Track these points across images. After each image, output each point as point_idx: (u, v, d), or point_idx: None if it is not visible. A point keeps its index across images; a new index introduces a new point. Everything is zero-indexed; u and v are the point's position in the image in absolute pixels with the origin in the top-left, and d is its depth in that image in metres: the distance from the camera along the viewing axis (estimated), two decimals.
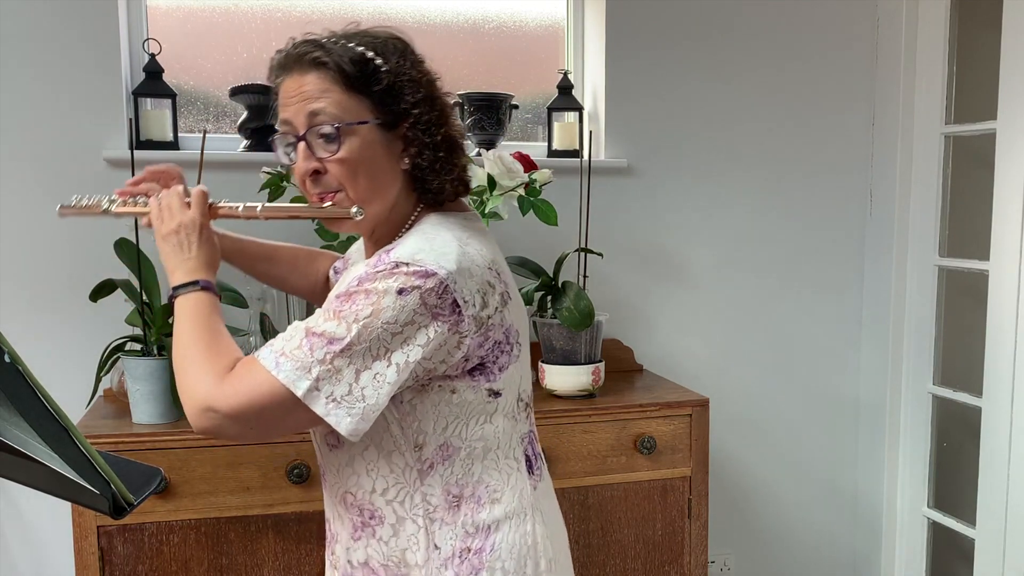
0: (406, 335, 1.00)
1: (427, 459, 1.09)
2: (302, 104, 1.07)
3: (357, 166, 1.07)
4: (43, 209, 1.99)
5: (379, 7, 2.24)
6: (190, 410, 1.02)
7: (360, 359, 0.99)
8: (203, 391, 1.01)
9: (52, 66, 1.97)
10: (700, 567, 2.00)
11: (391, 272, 1.00)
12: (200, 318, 1.09)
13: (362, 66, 1.06)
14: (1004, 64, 2.13)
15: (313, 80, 1.07)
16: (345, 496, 1.14)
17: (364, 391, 1.00)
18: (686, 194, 2.40)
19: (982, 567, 2.26)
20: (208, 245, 1.15)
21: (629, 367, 2.33)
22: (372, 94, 1.07)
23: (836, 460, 2.60)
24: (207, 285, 1.12)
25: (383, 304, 0.99)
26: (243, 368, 1.02)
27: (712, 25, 2.37)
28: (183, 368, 1.05)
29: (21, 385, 0.73)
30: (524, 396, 1.19)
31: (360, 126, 1.06)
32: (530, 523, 1.14)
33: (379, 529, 1.12)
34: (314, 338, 0.99)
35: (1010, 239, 2.13)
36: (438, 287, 1.00)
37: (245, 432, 1.02)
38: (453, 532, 1.10)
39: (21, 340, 1.94)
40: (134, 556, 1.69)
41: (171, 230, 1.14)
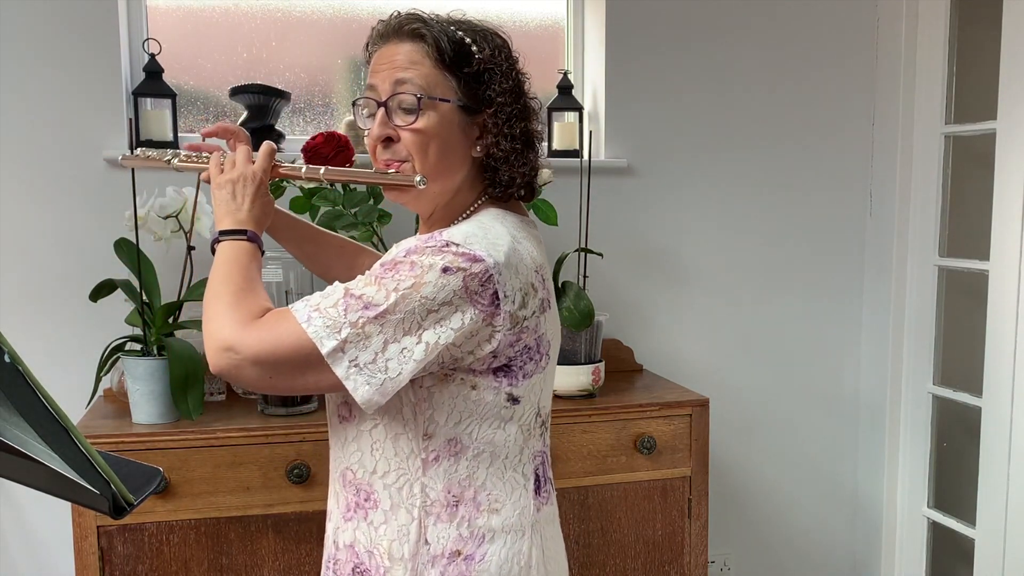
0: (441, 315, 0.99)
1: (434, 451, 1.07)
2: (391, 71, 1.08)
3: (430, 140, 1.08)
4: (43, 209, 2.00)
5: (378, 7, 2.24)
6: (211, 348, 1.02)
7: (391, 329, 0.98)
8: (228, 331, 1.01)
9: (52, 66, 1.97)
10: (700, 567, 2.00)
11: (440, 249, 1.00)
12: (239, 264, 1.08)
13: (457, 47, 1.08)
14: (1004, 64, 2.13)
15: (407, 50, 1.08)
16: (345, 472, 1.13)
17: (388, 363, 0.99)
18: (686, 194, 2.40)
19: (982, 567, 2.26)
20: (262, 202, 1.15)
21: (629, 367, 2.33)
22: (461, 76, 1.08)
23: (836, 460, 2.61)
24: (253, 237, 1.12)
25: (426, 279, 0.98)
26: (274, 316, 1.02)
27: (712, 25, 2.37)
28: (211, 307, 1.05)
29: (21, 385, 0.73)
30: (543, 412, 1.17)
31: (442, 103, 1.08)
32: (527, 543, 1.11)
33: (372, 513, 1.10)
34: (351, 299, 0.99)
35: (1010, 239, 2.13)
36: (483, 274, 1.00)
37: (262, 379, 1.00)
38: (447, 531, 1.08)
39: (21, 340, 1.94)
40: (134, 556, 1.69)
41: (229, 179, 1.14)
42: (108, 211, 1.98)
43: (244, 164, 1.15)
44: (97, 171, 2.01)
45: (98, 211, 2.00)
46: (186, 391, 1.69)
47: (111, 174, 2.01)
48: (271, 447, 1.72)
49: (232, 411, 1.86)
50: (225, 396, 1.98)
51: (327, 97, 2.25)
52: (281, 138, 2.15)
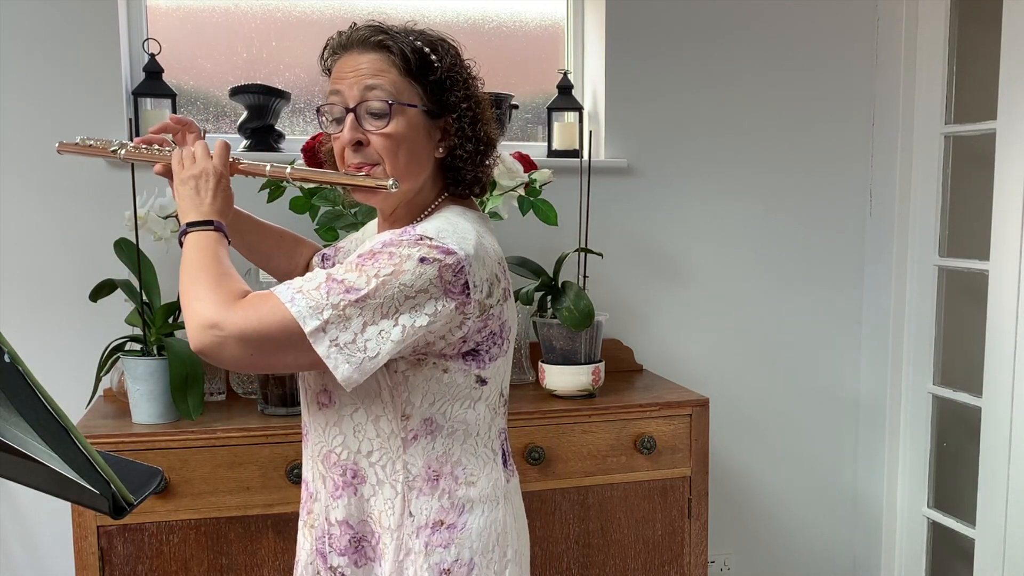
0: (417, 301, 1.06)
1: (412, 430, 1.15)
2: (358, 79, 1.14)
3: (400, 143, 1.14)
4: (43, 209, 2.00)
5: (378, 7, 2.24)
6: (193, 327, 1.04)
7: (371, 312, 1.04)
8: (212, 310, 1.04)
9: (52, 66, 1.97)
10: (700, 567, 2.00)
11: (416, 242, 1.07)
12: (212, 251, 1.12)
13: (420, 57, 1.15)
14: (1004, 64, 2.13)
15: (374, 59, 1.14)
16: (328, 455, 1.19)
17: (367, 343, 1.04)
18: (686, 194, 2.40)
19: (982, 567, 2.26)
20: (224, 195, 1.19)
21: (629, 367, 2.33)
22: (426, 83, 1.15)
23: (836, 460, 2.61)
24: (220, 227, 1.15)
25: (405, 267, 1.05)
26: (257, 296, 1.06)
27: (712, 25, 2.37)
28: (192, 289, 1.07)
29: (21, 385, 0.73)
30: (505, 392, 1.26)
31: (410, 108, 1.14)
32: (501, 511, 1.21)
33: (361, 487, 1.17)
34: (333, 283, 1.04)
35: (1010, 239, 2.13)
36: (455, 265, 1.07)
37: (244, 356, 1.04)
38: (429, 504, 1.16)
39: (21, 340, 1.94)
40: (134, 556, 1.69)
41: (191, 175, 1.17)
42: (108, 211, 1.98)
43: (205, 159, 1.19)
44: (97, 171, 2.01)
45: (98, 211, 2.00)
46: (186, 391, 1.69)
47: (111, 174, 2.01)
48: (271, 447, 1.72)
49: (232, 411, 1.86)
50: (225, 396, 1.98)
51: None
52: (281, 138, 2.15)
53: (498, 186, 1.91)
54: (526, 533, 1.31)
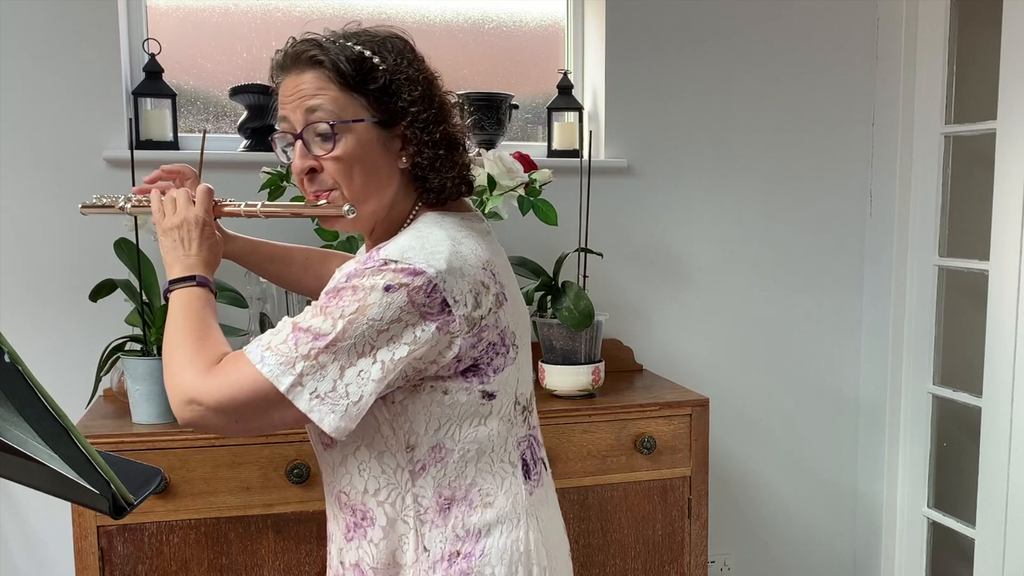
0: (392, 333, 0.99)
1: (419, 460, 1.08)
2: (299, 102, 1.07)
3: (352, 164, 1.07)
4: (43, 209, 2.00)
5: (379, 7, 2.24)
6: (175, 402, 1.02)
7: (345, 355, 0.98)
8: (188, 383, 1.01)
9: (52, 66, 1.97)
10: (700, 567, 2.00)
11: (379, 269, 0.99)
12: (192, 312, 1.09)
13: (358, 64, 1.06)
14: (1004, 64, 2.13)
15: (310, 78, 1.07)
16: (339, 496, 1.14)
17: (348, 388, 0.99)
18: (686, 194, 2.40)
19: (982, 567, 2.26)
20: (209, 243, 1.15)
21: (629, 367, 2.33)
22: (368, 92, 1.07)
23: (836, 460, 2.61)
24: (203, 281, 1.12)
25: (369, 300, 0.98)
26: (229, 361, 1.02)
27: (712, 25, 2.37)
28: (170, 360, 1.05)
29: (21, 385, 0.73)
30: (522, 399, 1.17)
31: (356, 124, 1.06)
32: (523, 529, 1.13)
33: (370, 531, 1.11)
34: (300, 333, 0.99)
35: (1010, 239, 2.13)
36: (426, 286, 1.00)
37: (229, 425, 1.01)
38: (443, 535, 1.09)
39: (21, 340, 1.95)
40: (134, 556, 1.69)
41: (173, 225, 1.14)
42: None
43: (186, 208, 1.15)
44: (97, 171, 2.01)
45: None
46: None
47: (111, 174, 2.01)
48: (271, 447, 1.72)
49: None
50: None
51: None
52: None
53: (498, 186, 1.91)
54: (562, 546, 1.22)
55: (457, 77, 2.33)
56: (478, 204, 1.93)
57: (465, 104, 2.14)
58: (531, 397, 1.21)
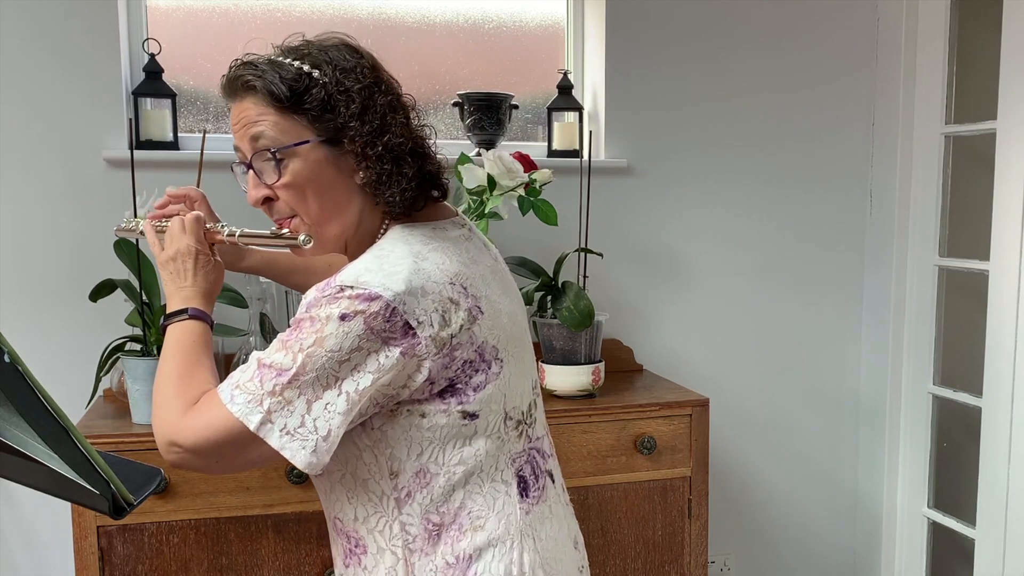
0: (354, 362, 0.97)
1: (404, 487, 1.05)
2: (244, 129, 1.06)
3: (304, 188, 1.04)
4: (43, 209, 2.00)
5: (378, 7, 2.24)
6: (159, 444, 1.02)
7: (310, 389, 0.96)
8: (169, 425, 1.01)
9: (52, 66, 1.97)
10: (700, 567, 2.00)
11: (335, 297, 0.97)
12: (182, 348, 1.07)
13: (293, 84, 1.03)
14: (1004, 64, 2.13)
15: (250, 104, 1.06)
16: (335, 521, 1.14)
17: (316, 422, 0.97)
18: (686, 194, 2.40)
19: (982, 567, 2.26)
20: (205, 272, 1.14)
21: (629, 367, 2.33)
22: (307, 111, 1.03)
23: (836, 460, 2.60)
24: (196, 314, 1.11)
25: (326, 331, 0.96)
26: (204, 402, 1.01)
27: (712, 25, 2.37)
28: (156, 400, 1.05)
29: (21, 385, 0.73)
30: (515, 414, 1.11)
31: (300, 147, 1.03)
32: (517, 551, 1.08)
33: (363, 558, 1.10)
34: (264, 369, 0.98)
35: (1010, 239, 2.13)
36: (384, 310, 0.96)
37: (210, 465, 1.00)
38: (433, 564, 1.05)
39: (21, 340, 1.94)
40: (134, 556, 1.69)
41: (168, 257, 1.14)
42: (108, 211, 1.98)
43: (179, 238, 1.14)
44: (97, 171, 2.01)
45: (98, 211, 2.00)
46: None
47: (111, 174, 2.01)
48: None
49: None
50: None
51: None
52: None
53: (498, 186, 1.91)
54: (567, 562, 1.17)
55: (457, 77, 2.33)
56: (478, 204, 1.93)
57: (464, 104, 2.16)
58: (530, 409, 1.16)
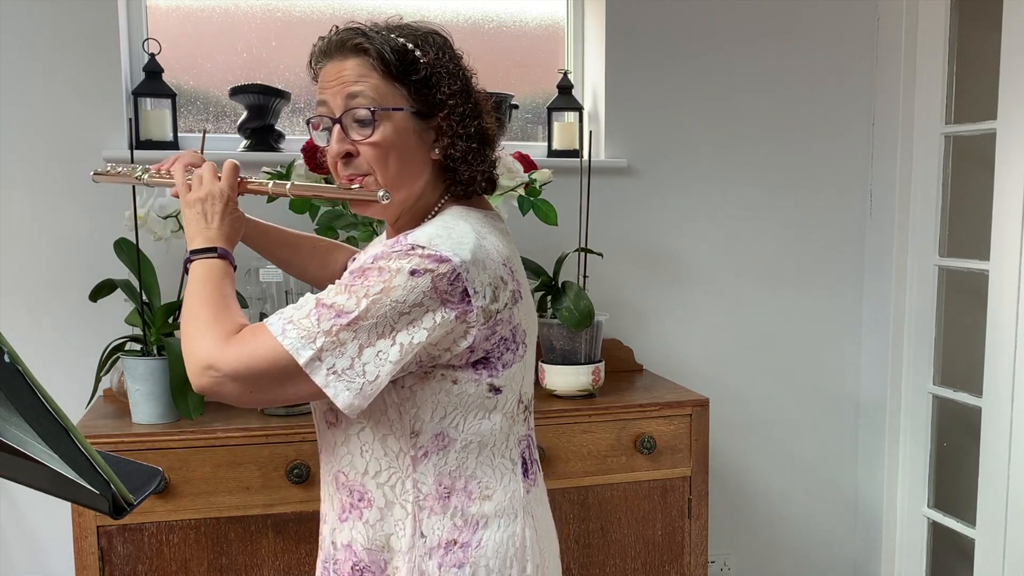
0: (413, 316, 1.01)
1: (422, 447, 1.10)
2: (341, 87, 1.09)
3: (389, 151, 1.09)
4: (43, 209, 2.00)
5: (378, 7, 2.24)
6: (191, 367, 1.03)
7: (365, 334, 1.00)
8: (207, 349, 1.02)
9: (52, 66, 1.97)
10: (700, 567, 2.00)
11: (407, 253, 1.02)
12: (212, 282, 1.10)
13: (402, 55, 1.09)
14: (1004, 64, 2.13)
15: (353, 65, 1.09)
16: (337, 475, 1.16)
17: (365, 367, 1.01)
18: (686, 194, 2.40)
19: (982, 567, 2.26)
20: (231, 219, 1.16)
21: (629, 367, 2.33)
22: (410, 83, 1.09)
23: (836, 460, 2.61)
24: (224, 254, 1.13)
25: (394, 283, 1.00)
26: (250, 332, 1.04)
27: (712, 25, 2.37)
28: (189, 328, 1.06)
29: (21, 385, 0.73)
30: (524, 398, 1.19)
31: (395, 112, 1.09)
32: (519, 525, 1.15)
33: (367, 511, 1.12)
34: (323, 309, 1.01)
35: (1010, 239, 2.13)
36: (450, 274, 1.02)
37: (243, 394, 1.02)
38: (441, 522, 1.11)
39: (21, 340, 1.94)
40: (134, 556, 1.69)
41: (198, 197, 1.15)
42: (108, 211, 1.98)
43: (211, 182, 1.16)
44: None
45: (98, 211, 2.00)
46: (186, 391, 1.69)
47: None
48: (271, 447, 1.72)
49: (232, 411, 1.86)
50: None
51: None
52: (281, 138, 2.15)
53: (498, 186, 1.90)
54: (554, 546, 1.25)
55: None
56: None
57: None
58: (532, 399, 1.23)
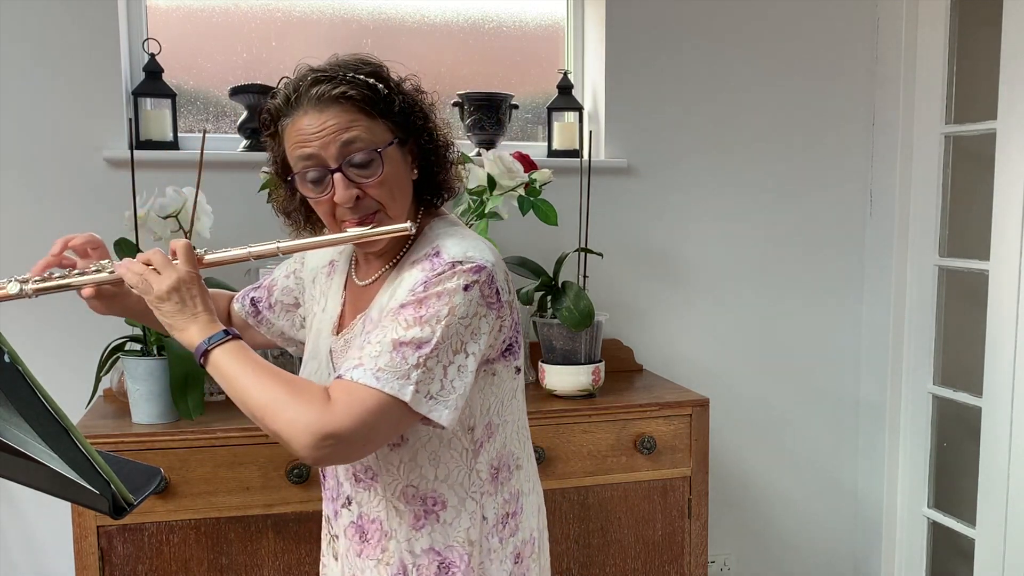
0: (474, 327, 1.09)
1: (478, 439, 1.19)
2: (332, 137, 1.10)
3: (393, 185, 1.14)
4: (43, 209, 2.00)
5: (378, 7, 2.24)
6: (305, 444, 1.02)
7: (446, 356, 1.07)
8: (314, 422, 1.02)
9: (52, 66, 1.97)
10: (700, 567, 2.00)
11: (451, 272, 1.09)
12: (252, 361, 1.08)
13: (379, 94, 1.13)
14: (1004, 64, 2.13)
15: (336, 113, 1.10)
16: (406, 490, 1.18)
17: (453, 383, 1.08)
18: (686, 194, 2.40)
19: (982, 567, 2.26)
20: (205, 296, 1.13)
21: (629, 367, 2.33)
22: (389, 116, 1.14)
23: (836, 460, 2.60)
24: (234, 334, 1.11)
25: (455, 301, 1.07)
26: (343, 391, 1.04)
27: (712, 25, 2.37)
28: (275, 410, 1.04)
29: (21, 385, 0.73)
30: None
31: (388, 148, 1.13)
32: (540, 486, 1.31)
33: (443, 513, 1.19)
34: (404, 348, 1.06)
35: (1010, 239, 2.13)
36: (489, 278, 1.11)
37: (360, 450, 1.07)
38: (495, 501, 1.21)
39: (21, 340, 1.94)
40: (134, 556, 1.69)
41: (169, 287, 1.10)
42: (108, 211, 1.98)
43: (170, 268, 1.12)
44: (97, 171, 2.01)
45: (98, 211, 2.00)
46: (186, 391, 1.69)
47: (111, 174, 2.01)
48: (271, 447, 1.72)
49: (232, 411, 1.85)
50: (225, 396, 1.98)
51: None
52: None
53: (498, 186, 1.91)
54: None
55: (457, 77, 2.33)
56: (478, 204, 1.93)
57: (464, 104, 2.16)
58: None
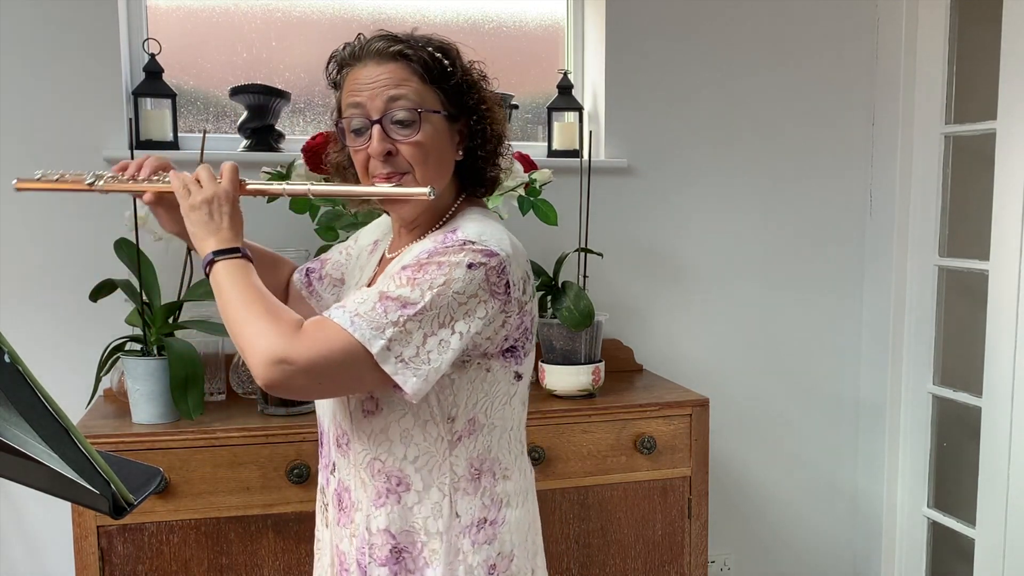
0: (469, 307, 1.08)
1: (456, 432, 1.17)
2: (381, 90, 1.14)
3: (428, 150, 1.15)
4: (43, 209, 2.00)
5: (379, 7, 2.24)
6: (259, 362, 1.04)
7: (429, 324, 1.06)
8: (275, 344, 1.04)
9: (52, 66, 1.97)
10: (700, 567, 2.00)
11: (461, 248, 1.09)
12: (247, 281, 1.11)
13: (438, 63, 1.16)
14: (1004, 64, 2.13)
15: (393, 69, 1.14)
16: (373, 463, 1.18)
17: (429, 354, 1.07)
18: (686, 194, 2.40)
19: (982, 567, 2.26)
20: (237, 217, 1.17)
21: (629, 367, 2.33)
22: (444, 89, 1.17)
23: (836, 460, 2.60)
24: (246, 254, 1.15)
25: (455, 275, 1.07)
26: (315, 325, 1.06)
27: (712, 25, 2.37)
28: (245, 324, 1.07)
29: (21, 385, 0.73)
30: (530, 388, 1.28)
31: (434, 115, 1.15)
32: (531, 502, 1.26)
33: (405, 495, 1.17)
34: (388, 301, 1.06)
35: (1010, 239, 2.13)
36: (499, 267, 1.10)
37: (311, 386, 1.06)
38: (472, 502, 1.18)
39: (21, 340, 1.94)
40: (134, 556, 1.69)
41: (203, 199, 1.15)
42: (108, 211, 1.98)
43: (212, 183, 1.16)
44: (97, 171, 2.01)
45: (98, 211, 2.00)
46: (186, 391, 1.69)
47: None
48: (271, 447, 1.72)
49: (232, 411, 1.86)
50: (225, 396, 1.98)
51: (327, 97, 2.25)
52: (281, 138, 2.15)
53: (498, 186, 1.91)
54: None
55: None
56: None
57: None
58: None
